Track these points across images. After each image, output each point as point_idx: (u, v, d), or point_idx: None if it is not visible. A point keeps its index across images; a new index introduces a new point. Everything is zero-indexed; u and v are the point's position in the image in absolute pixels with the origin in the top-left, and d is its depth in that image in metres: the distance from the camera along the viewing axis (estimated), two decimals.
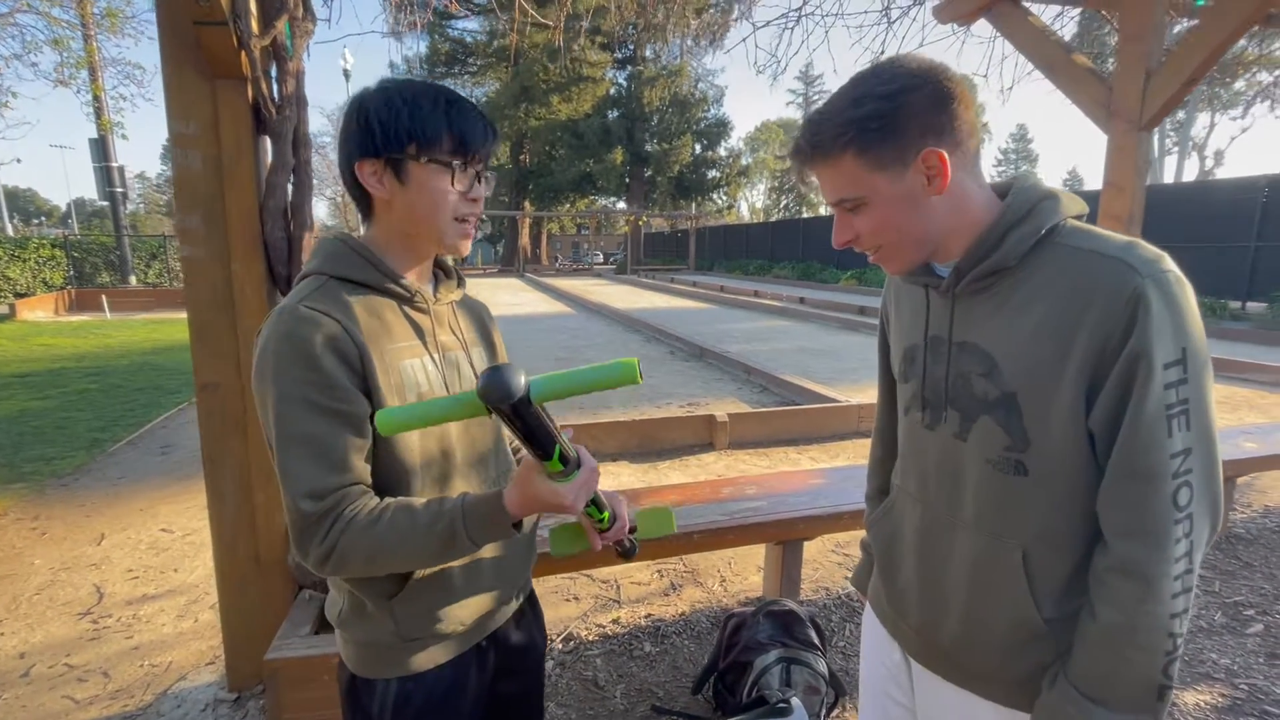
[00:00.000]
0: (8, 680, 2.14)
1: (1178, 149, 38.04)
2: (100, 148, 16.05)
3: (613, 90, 36.51)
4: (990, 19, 2.82)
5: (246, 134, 1.75)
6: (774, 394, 6.22)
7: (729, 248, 33.16)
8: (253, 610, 1.96)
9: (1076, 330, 0.71)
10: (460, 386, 0.94)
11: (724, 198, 40.95)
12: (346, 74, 19.78)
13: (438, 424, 0.71)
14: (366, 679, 0.92)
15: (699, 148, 37.38)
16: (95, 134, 15.96)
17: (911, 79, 0.73)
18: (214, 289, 1.80)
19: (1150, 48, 2.34)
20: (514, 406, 0.65)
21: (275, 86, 1.79)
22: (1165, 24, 2.43)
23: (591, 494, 0.83)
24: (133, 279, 16.56)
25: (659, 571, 2.85)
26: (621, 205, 39.95)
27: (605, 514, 0.92)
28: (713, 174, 38.40)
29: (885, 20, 3.83)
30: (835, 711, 1.91)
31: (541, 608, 1.15)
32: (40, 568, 2.91)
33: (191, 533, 3.25)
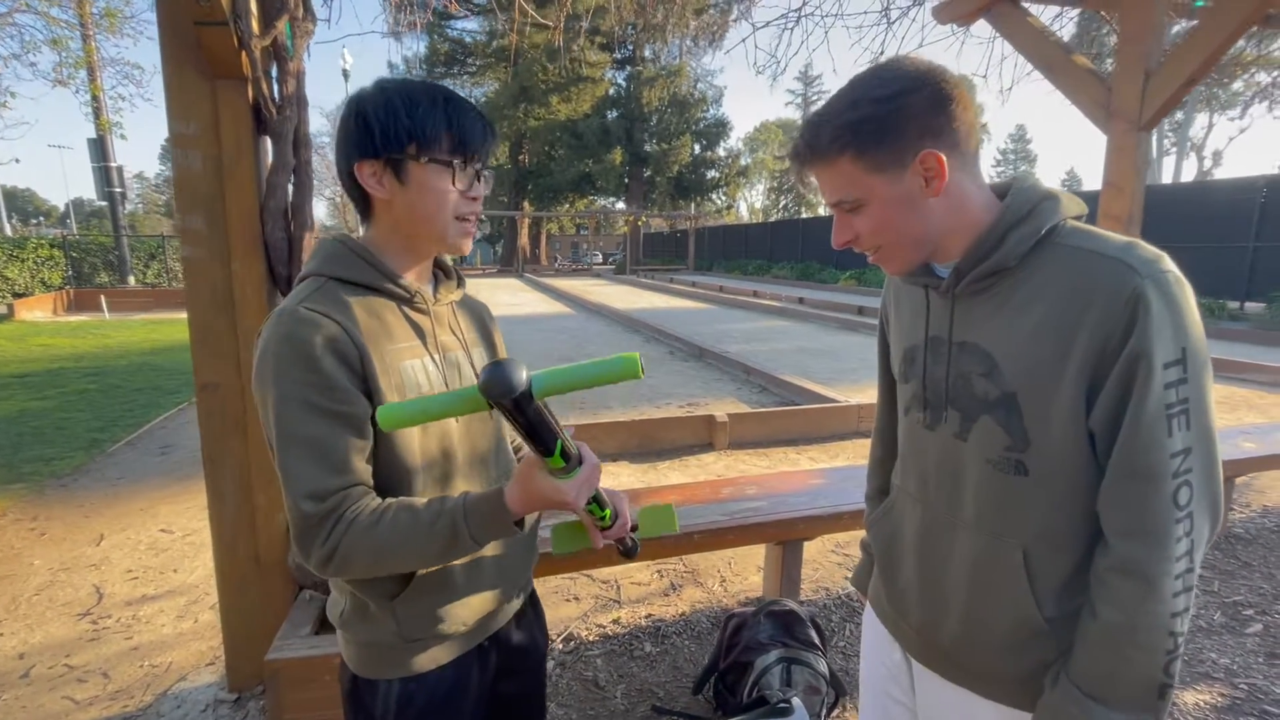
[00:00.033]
0: (7, 681, 2.14)
1: (1176, 149, 38.12)
2: (99, 148, 16.04)
3: (612, 90, 36.54)
4: (989, 19, 2.83)
5: (247, 134, 1.75)
6: (773, 394, 6.23)
7: (728, 248, 33.15)
8: (253, 610, 1.96)
9: (1076, 330, 0.72)
10: (461, 387, 0.94)
11: (723, 198, 41.01)
12: (346, 74, 19.75)
13: (439, 419, 0.71)
14: (368, 679, 0.91)
15: (698, 148, 37.40)
16: (94, 134, 15.97)
17: (909, 81, 0.73)
18: (214, 289, 1.80)
19: (1150, 48, 2.35)
20: (515, 401, 0.65)
21: (276, 87, 1.79)
22: (1165, 24, 2.44)
23: (593, 491, 0.83)
24: (131, 279, 16.54)
25: (659, 572, 2.85)
26: (620, 205, 39.96)
27: (607, 511, 0.90)
28: (712, 174, 38.44)
29: (885, 21, 3.83)
30: (836, 711, 1.92)
31: (543, 608, 1.15)
32: (39, 568, 2.91)
33: (191, 533, 3.25)
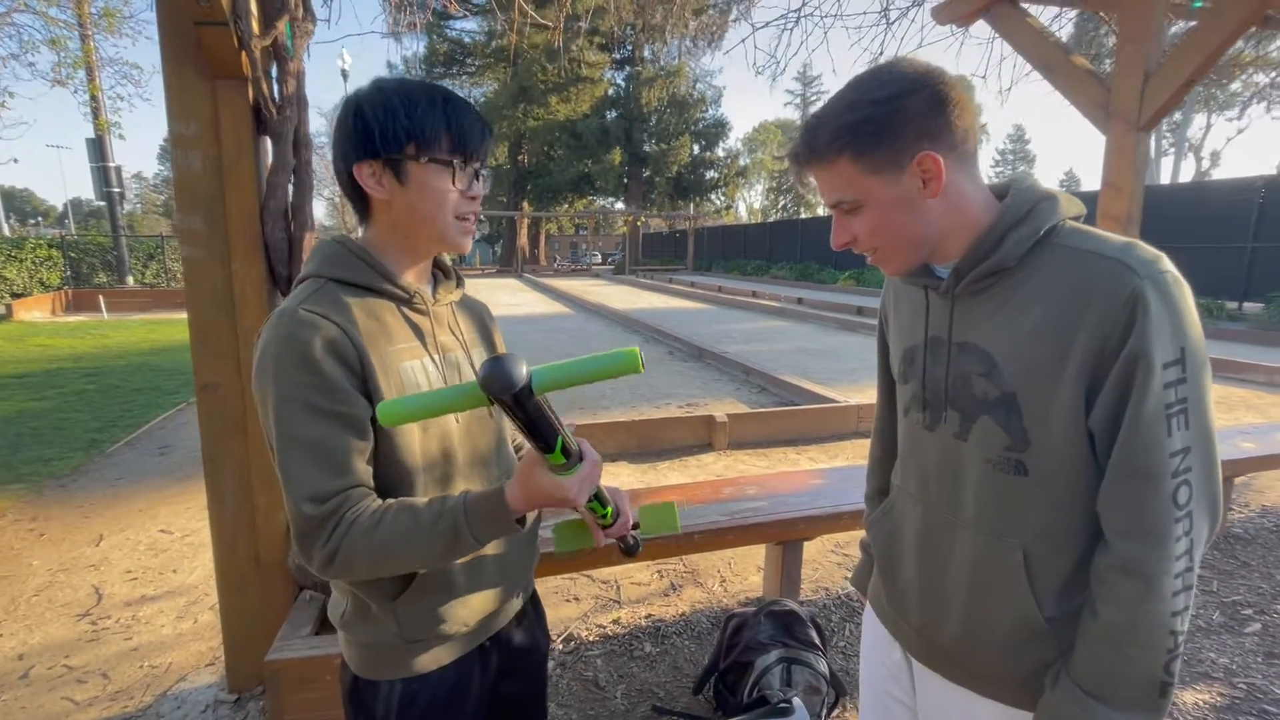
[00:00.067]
0: (7, 682, 2.13)
1: (1174, 150, 38.17)
2: (97, 148, 16.04)
3: (611, 91, 36.54)
4: (989, 20, 2.83)
5: (247, 134, 1.75)
6: (773, 394, 6.23)
7: (727, 248, 33.16)
8: (253, 611, 1.96)
9: (1076, 330, 0.72)
10: None
11: (722, 198, 41.00)
12: (345, 74, 19.75)
13: (439, 415, 0.71)
14: (370, 680, 0.91)
15: (697, 148, 37.40)
16: (92, 134, 15.96)
17: (907, 83, 0.74)
18: (214, 289, 1.80)
19: (1149, 49, 2.35)
20: (515, 396, 0.65)
21: (276, 87, 1.79)
22: (1164, 25, 2.44)
23: (594, 487, 0.82)
24: (130, 279, 16.52)
25: (659, 572, 2.85)
26: (620, 205, 39.97)
27: (609, 509, 0.90)
28: (711, 174, 38.44)
29: (884, 21, 3.84)
30: (836, 711, 1.92)
31: (544, 608, 1.15)
32: (39, 569, 2.90)
33: (190, 533, 3.25)
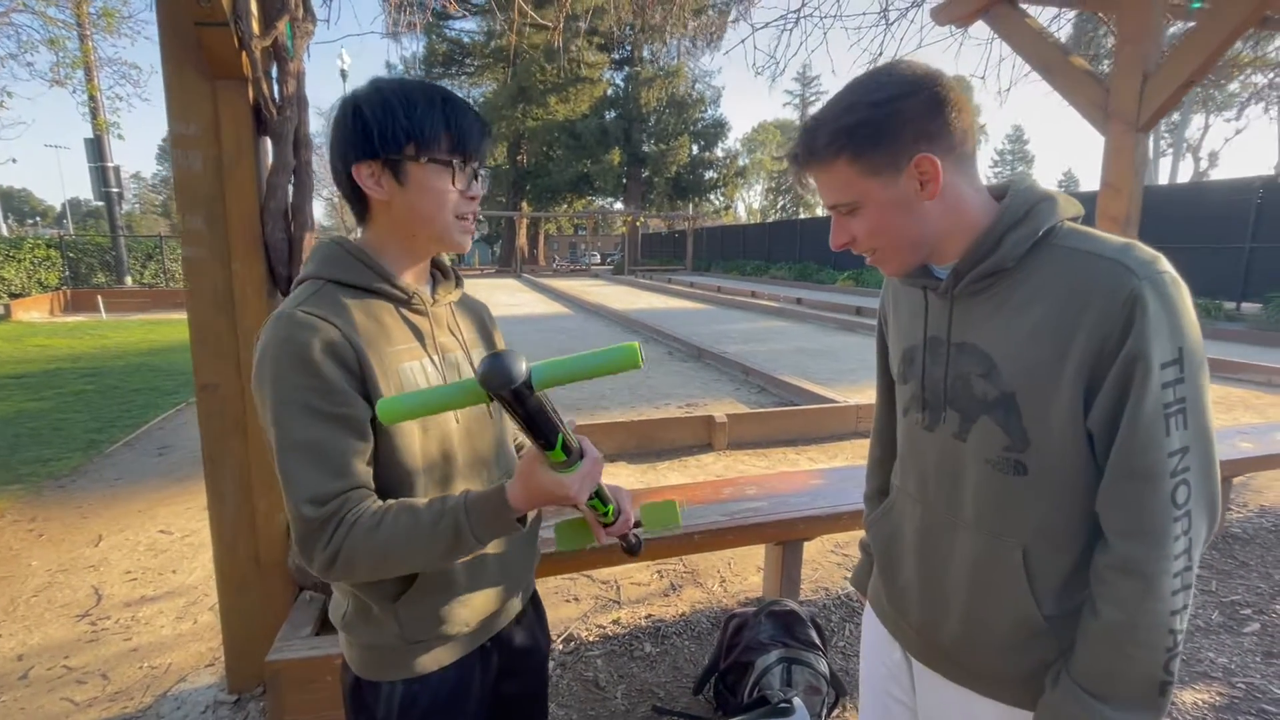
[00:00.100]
0: (6, 682, 2.13)
1: (1172, 150, 38.24)
2: (96, 148, 16.01)
3: (610, 91, 36.54)
4: (988, 21, 2.83)
5: (247, 135, 1.75)
6: (772, 394, 6.23)
7: (726, 248, 33.16)
8: (253, 611, 1.96)
9: (1074, 331, 0.72)
10: None
11: (721, 198, 41.03)
12: (344, 74, 19.76)
13: (439, 411, 0.71)
14: (371, 681, 0.91)
15: (696, 148, 37.41)
16: (91, 134, 15.94)
17: (905, 86, 0.74)
18: (214, 289, 1.80)
19: (1148, 50, 2.35)
20: (515, 392, 0.65)
21: (276, 87, 1.79)
22: (1163, 26, 2.44)
23: (595, 485, 0.82)
24: (128, 279, 16.50)
25: (659, 572, 2.85)
26: (619, 206, 39.97)
27: (610, 507, 0.89)
28: (710, 175, 38.45)
29: (883, 22, 3.84)
30: (836, 711, 1.92)
31: (544, 609, 1.15)
32: (38, 569, 2.90)
33: (190, 534, 3.25)
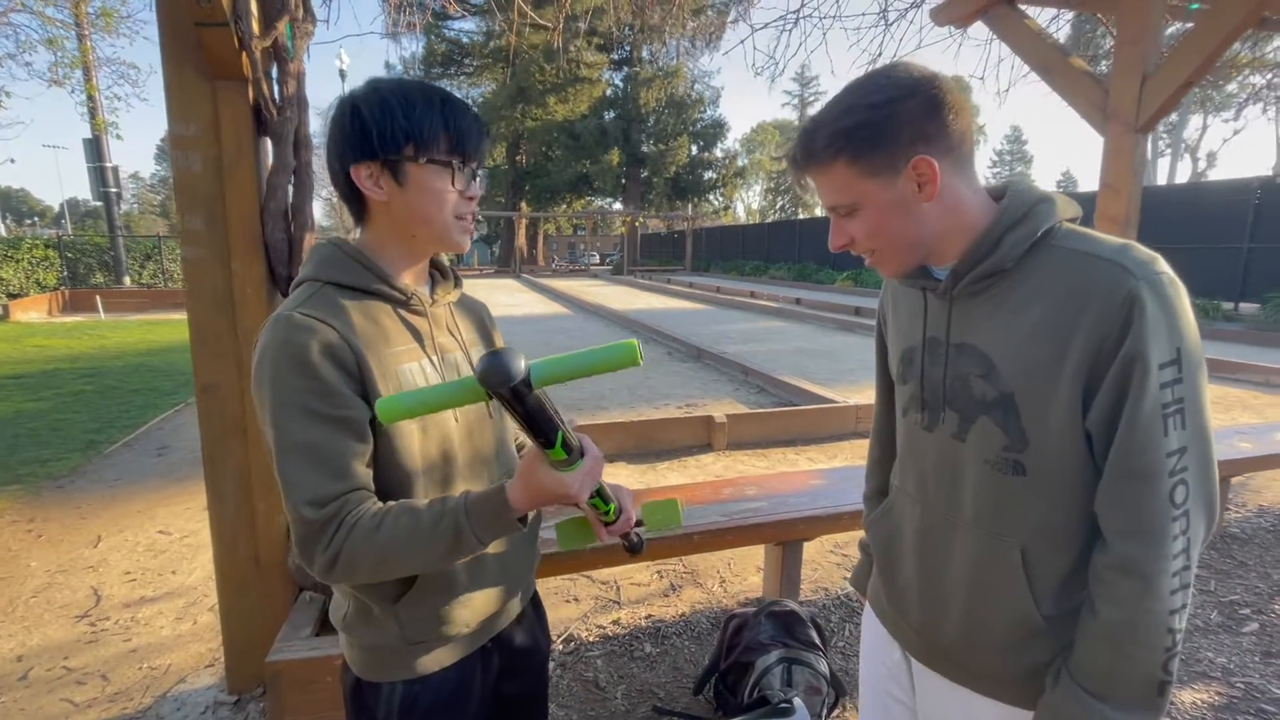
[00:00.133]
0: (6, 683, 2.13)
1: (1170, 151, 38.30)
2: (94, 148, 15.99)
3: (609, 91, 36.53)
4: (987, 21, 2.84)
5: (247, 135, 1.75)
6: (771, 394, 6.23)
7: (725, 249, 33.17)
8: (253, 612, 1.96)
9: (1073, 331, 0.72)
10: None
11: (720, 199, 41.02)
12: (342, 74, 19.75)
13: (438, 410, 0.71)
14: (371, 682, 0.91)
15: (695, 149, 37.41)
16: (89, 134, 15.91)
17: (903, 88, 0.74)
18: (214, 290, 1.80)
19: (1147, 50, 2.36)
20: (514, 390, 0.64)
21: (276, 88, 1.79)
22: (1162, 27, 2.45)
23: (596, 483, 0.82)
24: (127, 279, 16.48)
25: (659, 572, 2.86)
26: (618, 206, 39.97)
27: (611, 506, 0.89)
28: (709, 175, 38.45)
29: (883, 22, 3.85)
30: (836, 711, 1.92)
31: (545, 609, 1.15)
32: (37, 570, 2.90)
33: (189, 535, 3.24)
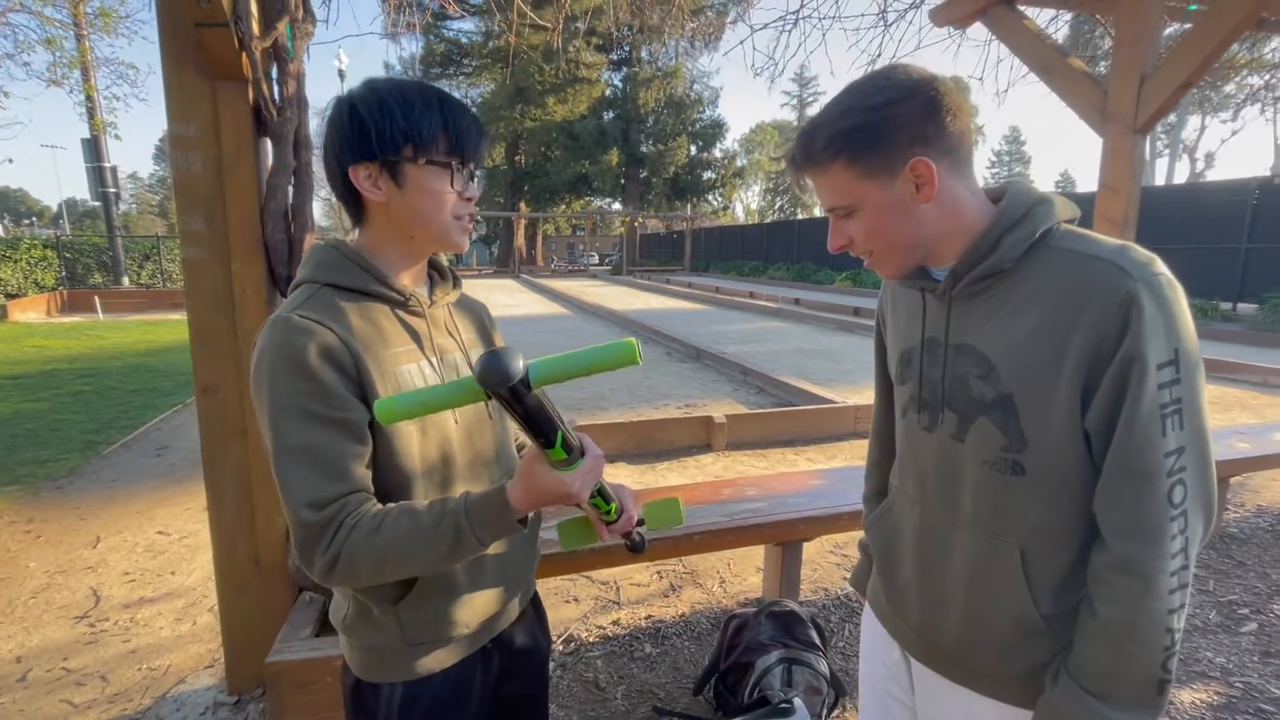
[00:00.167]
0: (5, 684, 2.13)
1: (1169, 151, 38.38)
2: (93, 148, 15.97)
3: (608, 92, 36.52)
4: (985, 22, 2.84)
5: (247, 136, 1.75)
6: (771, 395, 6.24)
7: (724, 249, 33.18)
8: (252, 613, 1.96)
9: (1072, 332, 0.73)
10: None
11: (719, 199, 41.02)
12: (341, 74, 19.73)
13: (437, 410, 0.70)
14: (372, 683, 0.91)
15: (694, 149, 37.42)
16: (88, 134, 15.89)
17: (901, 90, 0.75)
18: (214, 290, 1.80)
19: (1145, 51, 2.36)
20: (512, 390, 0.64)
21: (276, 88, 1.79)
22: (1160, 28, 2.45)
23: (597, 482, 0.82)
24: (125, 280, 16.47)
25: (658, 573, 2.86)
26: (617, 206, 39.95)
27: (612, 505, 0.89)
28: (708, 175, 38.46)
29: (882, 23, 3.85)
30: (836, 711, 1.92)
31: (545, 610, 1.15)
32: (35, 571, 2.89)
33: (188, 535, 3.24)
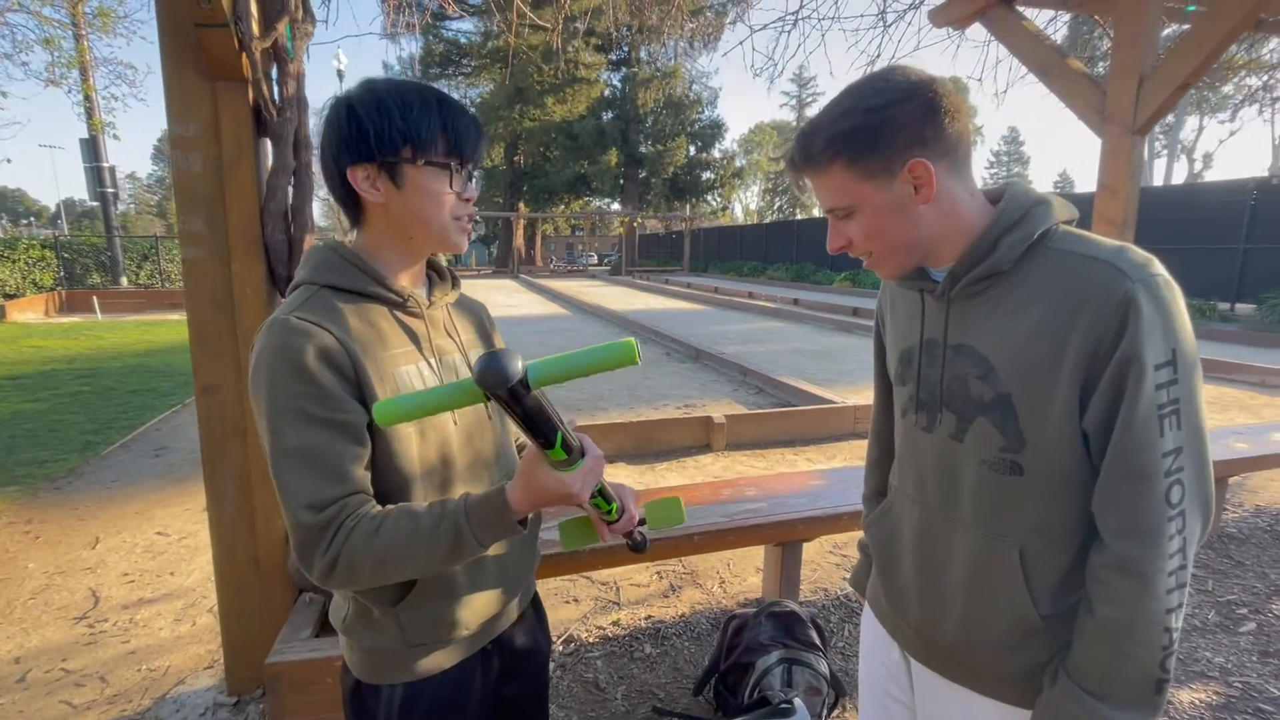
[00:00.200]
0: (4, 685, 2.12)
1: (1167, 152, 38.44)
2: (91, 148, 15.94)
3: (607, 92, 36.51)
4: (984, 23, 2.85)
5: (247, 136, 1.75)
6: (770, 395, 6.24)
7: (723, 249, 33.19)
8: (252, 613, 1.96)
9: (1070, 333, 0.73)
10: None
11: (718, 199, 41.03)
12: (340, 74, 19.72)
13: (436, 412, 0.70)
14: (371, 684, 0.91)
15: (693, 149, 37.43)
16: (86, 134, 15.86)
17: (899, 92, 0.75)
18: (214, 290, 1.80)
19: (1144, 52, 2.37)
20: (511, 391, 0.64)
21: (276, 89, 1.79)
22: (1159, 29, 2.46)
23: (598, 482, 0.82)
24: (124, 280, 16.43)
25: (658, 573, 2.86)
26: (616, 207, 39.95)
27: (613, 505, 0.89)
28: (707, 175, 38.46)
29: (881, 24, 3.86)
30: (836, 711, 1.92)
31: (545, 610, 1.15)
32: (34, 571, 2.89)
33: (187, 536, 3.24)
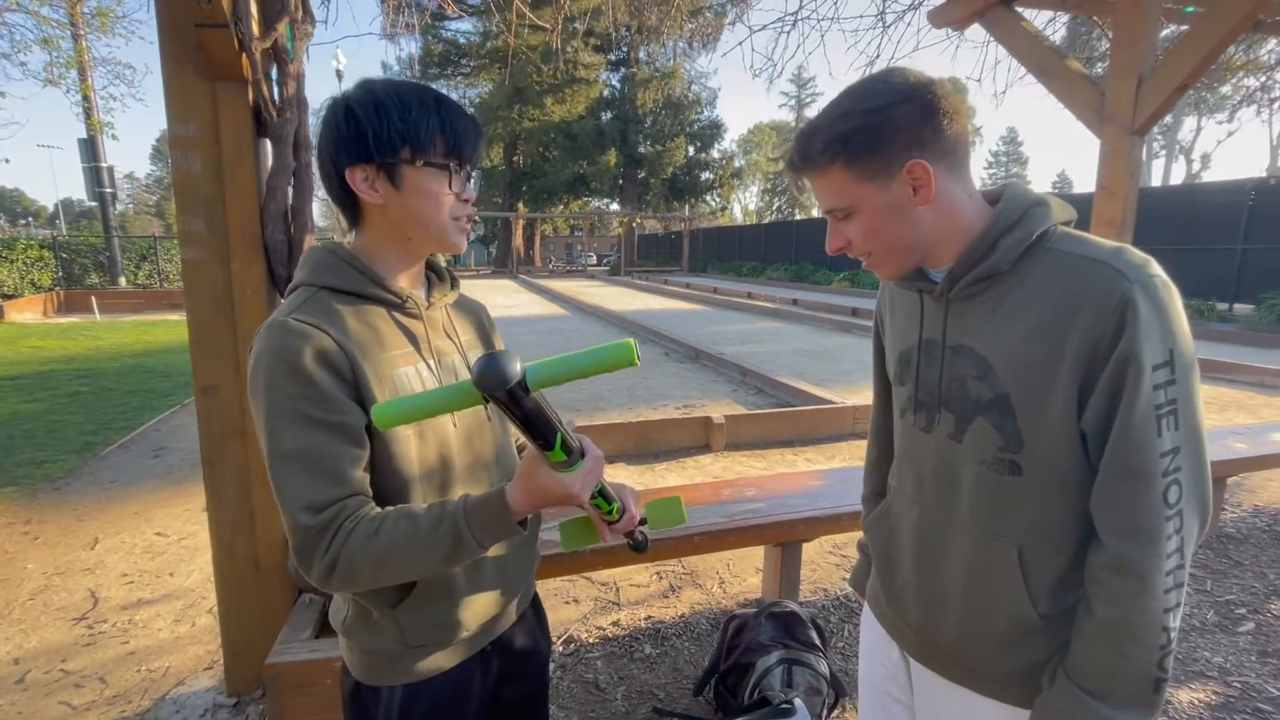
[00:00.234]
0: (3, 686, 2.12)
1: (1165, 152, 38.51)
2: (89, 148, 15.92)
3: (606, 92, 36.51)
4: (983, 24, 2.85)
5: (247, 136, 1.75)
6: (769, 395, 6.24)
7: (722, 249, 33.20)
8: (252, 614, 1.96)
9: (1068, 333, 0.73)
10: None
11: (717, 199, 41.04)
12: (340, 74, 19.71)
13: (435, 415, 0.70)
14: (371, 686, 0.91)
15: (692, 150, 37.45)
16: (84, 134, 15.84)
17: (898, 93, 0.75)
18: (214, 291, 1.80)
19: (1143, 53, 2.37)
20: (510, 393, 0.64)
21: (276, 89, 1.79)
22: (1157, 30, 2.46)
23: (598, 483, 0.82)
24: (122, 280, 16.42)
25: (658, 574, 2.86)
26: (615, 207, 39.95)
27: (614, 505, 0.88)
28: (706, 176, 38.48)
29: (880, 24, 3.86)
30: (836, 711, 1.93)
31: (545, 611, 1.15)
32: (33, 572, 2.88)
33: (187, 536, 3.23)
